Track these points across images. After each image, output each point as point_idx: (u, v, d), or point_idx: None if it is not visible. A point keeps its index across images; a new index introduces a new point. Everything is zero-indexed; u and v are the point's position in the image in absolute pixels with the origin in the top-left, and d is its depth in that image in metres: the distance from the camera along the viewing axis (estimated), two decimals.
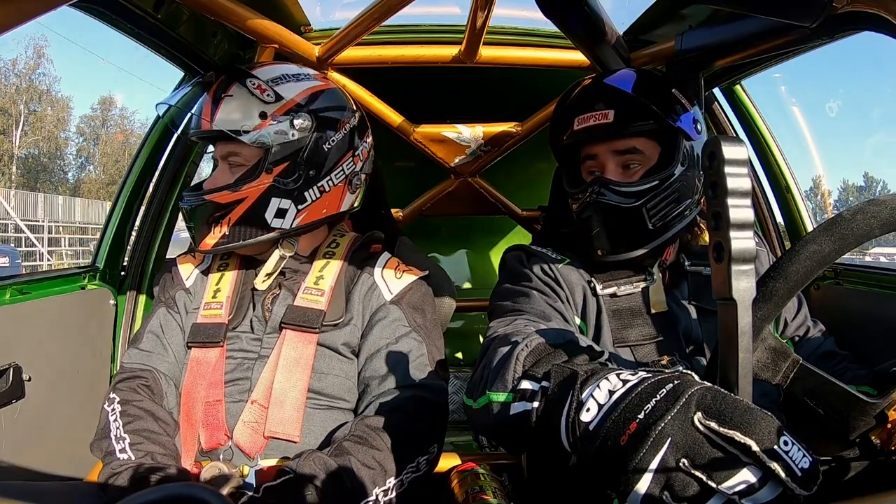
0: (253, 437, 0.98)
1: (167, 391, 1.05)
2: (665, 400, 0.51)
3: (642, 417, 0.51)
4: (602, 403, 0.56)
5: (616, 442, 0.52)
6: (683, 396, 0.50)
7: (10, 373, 1.20)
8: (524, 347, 0.72)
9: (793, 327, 1.13)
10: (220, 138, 1.07)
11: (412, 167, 2.15)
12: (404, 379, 1.01)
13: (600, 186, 1.02)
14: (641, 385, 0.54)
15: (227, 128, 1.04)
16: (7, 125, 26.08)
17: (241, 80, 1.08)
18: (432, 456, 1.00)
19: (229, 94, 1.06)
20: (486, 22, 1.26)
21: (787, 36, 1.10)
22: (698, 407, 0.49)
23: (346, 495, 0.87)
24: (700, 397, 0.50)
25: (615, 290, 1.05)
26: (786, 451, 0.46)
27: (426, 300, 1.13)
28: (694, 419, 0.48)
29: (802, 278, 0.60)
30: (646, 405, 0.52)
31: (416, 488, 0.95)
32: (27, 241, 15.42)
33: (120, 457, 0.94)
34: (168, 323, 1.11)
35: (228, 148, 1.07)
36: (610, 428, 0.53)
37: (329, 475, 0.87)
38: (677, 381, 0.52)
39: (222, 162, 1.09)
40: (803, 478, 0.45)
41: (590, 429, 0.56)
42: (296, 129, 1.06)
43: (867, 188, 46.83)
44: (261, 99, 1.06)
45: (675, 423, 0.49)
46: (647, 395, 0.52)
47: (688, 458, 0.47)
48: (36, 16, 0.43)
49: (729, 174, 0.49)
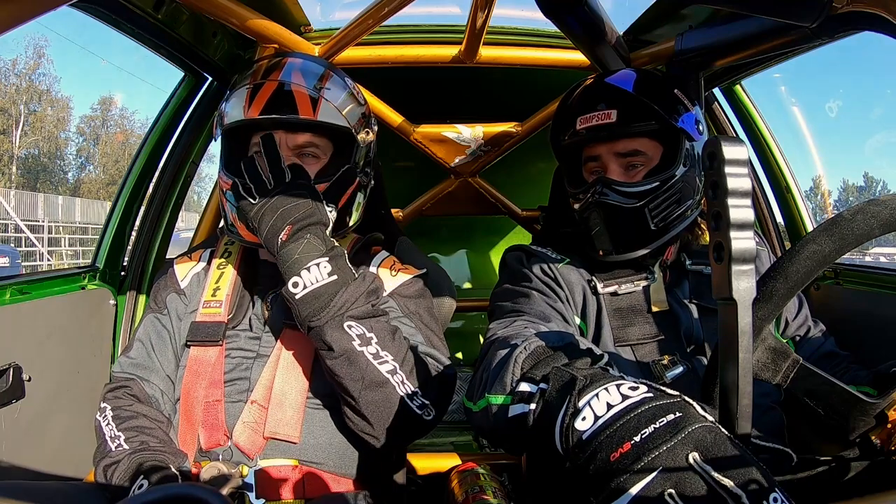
0: (252, 437, 0.98)
1: (155, 396, 1.05)
2: (664, 429, 0.50)
3: (638, 441, 0.51)
4: (599, 415, 0.55)
5: (606, 457, 0.52)
6: (684, 432, 0.49)
7: (10, 373, 1.19)
8: (523, 350, 0.72)
9: (793, 327, 1.13)
10: (312, 129, 1.06)
11: (412, 167, 2.15)
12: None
13: (603, 186, 1.02)
14: (642, 406, 0.53)
15: (336, 122, 1.06)
16: (7, 125, 26.07)
17: (337, 74, 1.12)
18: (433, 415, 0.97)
19: (326, 87, 1.07)
20: (486, 22, 1.26)
21: (787, 36, 1.09)
22: (696, 446, 0.49)
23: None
24: (700, 437, 0.49)
25: (616, 288, 1.05)
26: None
27: (422, 293, 1.13)
28: (689, 456, 0.48)
29: (802, 278, 0.60)
30: (643, 429, 0.51)
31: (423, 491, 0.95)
32: (27, 241, 15.42)
33: (114, 449, 0.95)
34: (156, 329, 1.10)
35: (310, 139, 1.06)
36: (603, 442, 0.53)
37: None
38: (680, 413, 0.52)
39: (287, 151, 1.05)
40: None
41: (583, 438, 0.55)
42: (370, 135, 1.13)
43: (867, 188, 46.83)
44: (357, 100, 1.11)
45: (670, 455, 0.49)
46: (647, 419, 0.52)
47: (675, 490, 0.47)
48: (36, 16, 0.43)
49: (729, 174, 0.49)
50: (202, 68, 1.54)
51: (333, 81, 1.11)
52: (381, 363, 0.91)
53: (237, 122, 1.05)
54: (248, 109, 1.03)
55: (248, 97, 1.04)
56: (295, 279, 0.91)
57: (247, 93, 1.05)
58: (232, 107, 1.06)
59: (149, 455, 0.93)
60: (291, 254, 0.92)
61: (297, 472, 0.98)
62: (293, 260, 0.92)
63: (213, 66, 1.53)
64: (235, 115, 1.05)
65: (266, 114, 1.03)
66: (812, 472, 0.80)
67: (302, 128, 1.05)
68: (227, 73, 1.61)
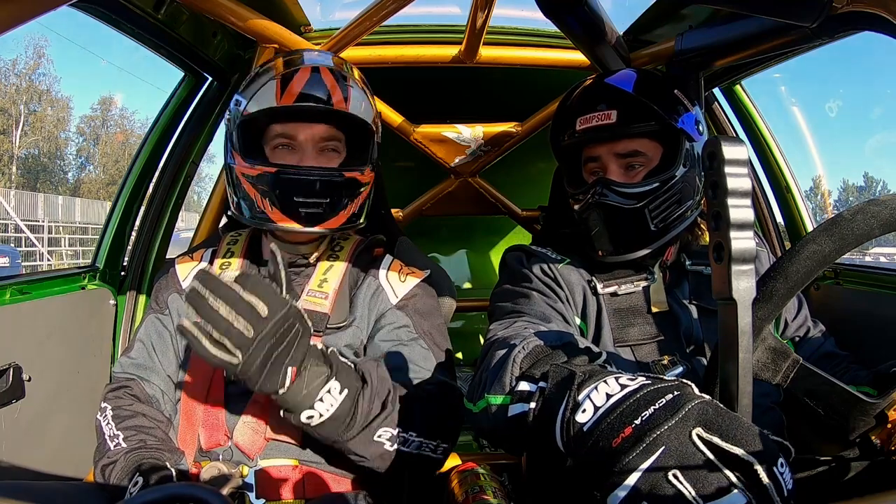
0: (253, 437, 0.98)
1: (155, 396, 1.05)
2: (664, 409, 0.51)
3: (639, 423, 0.51)
4: (598, 406, 0.56)
5: (608, 444, 0.52)
6: (684, 409, 0.50)
7: (10, 373, 1.20)
8: (521, 350, 0.72)
9: (793, 327, 1.13)
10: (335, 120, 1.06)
11: (412, 167, 2.15)
12: (415, 383, 1.01)
13: (602, 187, 1.02)
14: (641, 392, 0.54)
15: (364, 117, 1.07)
16: (7, 125, 26.07)
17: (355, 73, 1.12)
18: (446, 444, 0.98)
19: (349, 85, 1.07)
20: (486, 22, 1.26)
21: (787, 36, 1.09)
22: (698, 421, 0.49)
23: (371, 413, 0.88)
24: (701, 411, 0.49)
25: (616, 288, 1.05)
26: (781, 472, 0.46)
27: (432, 304, 1.14)
28: (692, 433, 0.48)
29: (802, 278, 0.60)
30: (643, 412, 0.51)
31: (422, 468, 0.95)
32: (27, 241, 15.41)
33: (113, 448, 0.95)
34: (157, 329, 1.10)
35: (333, 133, 1.06)
36: (604, 430, 0.53)
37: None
38: (677, 391, 0.52)
39: (311, 143, 1.05)
40: (787, 498, 0.46)
41: (584, 430, 0.55)
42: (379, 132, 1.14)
43: (867, 188, 46.82)
44: (370, 100, 1.11)
45: (672, 433, 0.49)
46: (646, 402, 0.52)
47: (679, 468, 0.47)
48: (36, 16, 0.44)
49: (729, 174, 0.49)
50: (202, 68, 1.54)
51: (354, 78, 1.11)
52: (402, 443, 0.91)
53: (269, 108, 1.03)
54: (281, 97, 1.02)
55: (280, 86, 1.03)
56: (308, 413, 0.83)
57: (276, 83, 1.03)
58: (258, 96, 1.04)
59: (145, 454, 0.93)
60: (298, 392, 0.81)
61: (297, 472, 0.98)
62: (302, 397, 0.82)
63: (213, 66, 1.54)
64: (264, 104, 1.03)
65: (301, 101, 1.02)
66: (812, 472, 0.80)
67: (335, 119, 1.05)
68: (227, 73, 1.61)
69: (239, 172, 1.05)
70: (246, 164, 1.04)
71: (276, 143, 1.06)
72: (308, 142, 1.05)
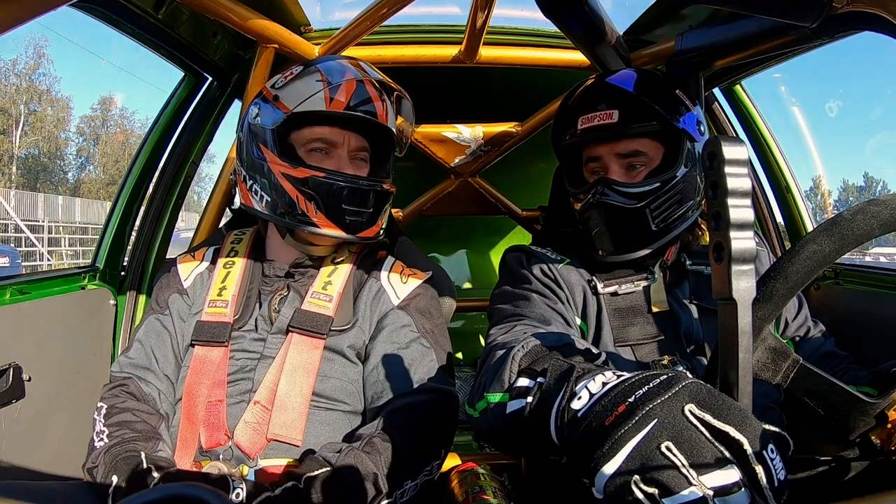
0: (254, 437, 0.98)
1: (152, 394, 1.04)
2: (658, 386, 0.51)
3: (632, 400, 0.51)
4: (594, 392, 0.56)
5: (601, 423, 0.52)
6: (677, 385, 0.50)
7: (10, 373, 1.19)
8: (520, 349, 0.72)
9: (793, 327, 1.13)
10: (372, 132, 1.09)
11: (412, 167, 2.15)
12: (415, 384, 1.01)
13: (604, 187, 1.02)
14: (636, 377, 0.54)
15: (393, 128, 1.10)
16: (7, 125, 26.07)
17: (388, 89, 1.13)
18: (441, 460, 1.00)
19: (385, 100, 1.10)
20: (486, 22, 1.26)
21: (787, 36, 1.10)
22: (692, 398, 0.49)
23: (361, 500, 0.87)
24: (695, 390, 0.50)
25: (616, 288, 1.05)
26: (771, 458, 0.46)
27: (434, 304, 1.14)
28: (685, 408, 0.48)
29: (802, 278, 0.60)
30: (637, 391, 0.52)
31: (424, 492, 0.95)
32: (27, 241, 15.41)
33: (97, 447, 0.94)
34: (156, 330, 1.10)
35: (365, 143, 1.10)
36: (598, 411, 0.53)
37: (342, 483, 0.86)
38: (671, 373, 0.53)
39: (347, 151, 1.08)
40: (778, 488, 0.46)
41: (578, 415, 0.56)
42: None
43: (867, 188, 46.82)
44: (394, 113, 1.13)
45: (665, 406, 0.49)
46: (641, 383, 0.53)
47: (673, 441, 0.47)
48: (36, 16, 0.43)
49: (729, 174, 0.49)
50: (202, 68, 1.54)
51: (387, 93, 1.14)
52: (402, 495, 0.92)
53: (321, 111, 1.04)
54: (330, 103, 1.04)
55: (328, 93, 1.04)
56: None
57: (325, 88, 1.04)
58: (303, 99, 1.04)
59: (120, 449, 0.92)
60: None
61: None
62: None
63: (213, 66, 1.54)
64: (310, 107, 1.03)
65: (351, 110, 1.05)
66: (812, 472, 0.80)
67: (374, 130, 1.09)
68: (228, 73, 1.61)
69: (279, 172, 1.03)
70: (284, 163, 1.03)
71: (312, 147, 1.06)
72: (345, 149, 1.07)
